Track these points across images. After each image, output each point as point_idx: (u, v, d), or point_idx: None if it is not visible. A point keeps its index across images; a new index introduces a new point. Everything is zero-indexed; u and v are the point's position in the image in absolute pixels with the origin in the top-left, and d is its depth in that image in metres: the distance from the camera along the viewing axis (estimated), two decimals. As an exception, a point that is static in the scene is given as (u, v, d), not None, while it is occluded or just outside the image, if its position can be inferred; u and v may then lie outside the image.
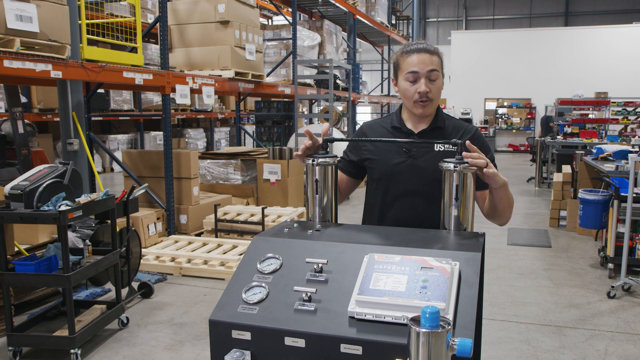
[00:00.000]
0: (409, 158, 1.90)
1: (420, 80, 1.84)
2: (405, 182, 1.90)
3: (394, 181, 1.90)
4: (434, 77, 1.84)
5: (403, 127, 1.95)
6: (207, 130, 14.87)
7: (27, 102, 9.91)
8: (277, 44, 9.53)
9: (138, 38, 5.43)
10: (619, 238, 4.80)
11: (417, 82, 1.85)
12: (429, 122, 1.95)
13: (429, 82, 1.84)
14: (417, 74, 1.83)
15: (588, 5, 24.84)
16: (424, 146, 1.90)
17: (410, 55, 1.86)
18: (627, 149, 6.49)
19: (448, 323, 0.99)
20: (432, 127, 1.93)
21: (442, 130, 1.93)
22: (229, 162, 7.43)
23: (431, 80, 1.84)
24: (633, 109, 13.55)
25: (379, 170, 1.96)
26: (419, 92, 1.84)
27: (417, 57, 1.84)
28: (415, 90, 1.85)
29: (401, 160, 1.91)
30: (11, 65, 3.89)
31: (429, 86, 1.84)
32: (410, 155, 1.91)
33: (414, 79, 1.85)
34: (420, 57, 1.84)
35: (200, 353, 3.43)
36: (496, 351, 3.47)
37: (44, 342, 3.30)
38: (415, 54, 1.85)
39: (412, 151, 1.91)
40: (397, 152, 1.91)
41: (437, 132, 1.93)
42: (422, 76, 1.83)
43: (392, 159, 1.91)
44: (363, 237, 1.52)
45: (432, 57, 1.85)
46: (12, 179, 3.32)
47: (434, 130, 1.93)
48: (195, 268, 4.92)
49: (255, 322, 1.26)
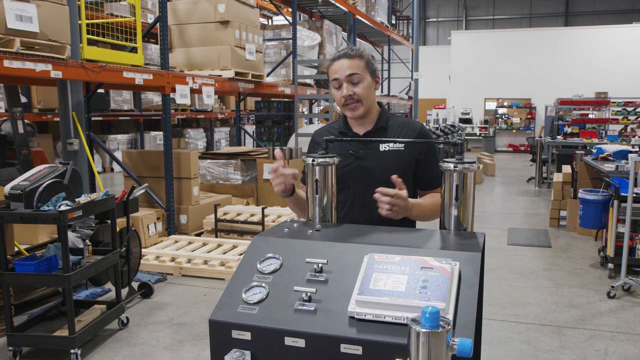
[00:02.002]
0: (356, 160, 1.96)
1: (343, 85, 1.92)
2: (354, 183, 1.95)
3: (346, 184, 1.95)
4: (355, 80, 1.92)
5: (349, 131, 2.03)
6: (207, 130, 14.87)
7: (27, 102, 9.91)
8: (277, 44, 9.53)
9: (138, 38, 5.43)
10: (619, 238, 4.80)
11: (341, 88, 1.93)
12: (372, 123, 2.01)
13: (351, 86, 1.92)
14: (338, 80, 1.93)
15: (588, 5, 24.84)
16: (369, 147, 1.97)
17: (333, 64, 1.96)
18: (627, 149, 6.49)
19: (448, 323, 0.99)
20: (376, 127, 2.00)
21: (386, 130, 2.00)
22: (229, 162, 7.43)
23: (353, 83, 1.92)
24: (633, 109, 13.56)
25: None
26: (343, 97, 1.92)
27: (337, 64, 1.93)
28: (340, 95, 1.94)
29: (348, 163, 1.96)
30: (11, 65, 3.89)
31: (352, 89, 1.91)
32: (357, 157, 1.96)
33: (338, 85, 1.94)
34: (339, 63, 1.93)
35: (200, 353, 3.43)
36: (496, 351, 3.47)
37: (44, 342, 3.30)
38: (336, 61, 1.95)
39: (358, 153, 1.97)
40: (344, 155, 1.95)
41: (382, 132, 2.00)
42: (343, 81, 1.92)
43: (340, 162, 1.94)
44: (363, 237, 1.52)
45: (351, 61, 1.92)
46: (12, 179, 3.32)
47: (379, 131, 2.00)
48: (195, 268, 4.92)
49: (255, 322, 1.26)
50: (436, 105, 20.81)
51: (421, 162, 1.96)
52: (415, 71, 16.91)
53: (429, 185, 2.00)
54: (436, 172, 1.93)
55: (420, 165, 1.96)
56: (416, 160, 1.96)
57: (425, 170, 1.98)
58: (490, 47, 20.15)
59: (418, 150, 1.95)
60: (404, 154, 1.94)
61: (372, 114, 2.01)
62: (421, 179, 1.99)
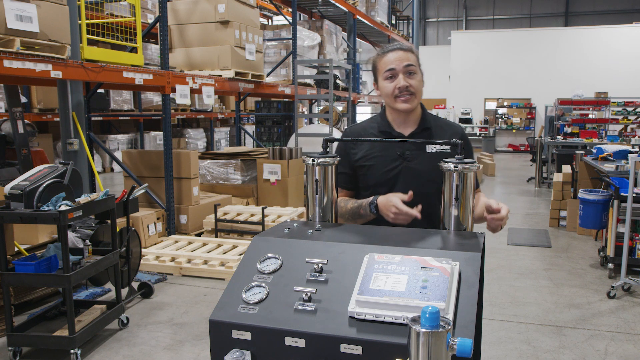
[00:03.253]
0: (404, 161, 1.91)
1: (399, 76, 1.88)
2: (401, 186, 1.89)
3: (391, 186, 1.90)
4: (412, 70, 1.88)
5: (392, 131, 1.96)
6: (207, 130, 14.87)
7: (27, 102, 9.91)
8: (277, 44, 9.53)
9: (138, 38, 5.43)
10: (619, 238, 4.80)
11: (395, 78, 1.89)
12: (416, 123, 1.96)
13: (407, 77, 1.88)
14: (394, 70, 1.88)
15: (588, 5, 24.84)
16: (415, 149, 1.91)
17: (386, 55, 1.91)
18: (627, 149, 6.49)
19: (448, 323, 0.99)
20: (421, 128, 1.95)
21: (430, 131, 1.95)
22: (229, 162, 7.43)
23: (409, 74, 1.88)
24: (633, 109, 13.55)
25: (374, 176, 1.95)
26: (399, 87, 1.88)
27: (392, 55, 1.90)
28: (394, 86, 1.89)
29: (396, 165, 1.91)
30: (11, 65, 3.89)
31: (408, 80, 1.88)
32: (404, 158, 1.91)
33: (391, 75, 1.89)
34: (395, 54, 1.89)
35: (200, 353, 3.43)
36: (496, 351, 3.47)
37: (44, 342, 3.30)
38: (390, 53, 1.91)
39: (405, 154, 1.91)
40: (390, 156, 1.91)
41: (426, 133, 1.95)
42: (400, 72, 1.88)
43: (387, 164, 1.91)
44: (363, 237, 1.52)
45: (407, 54, 1.90)
46: (12, 179, 3.32)
47: (424, 132, 1.95)
48: (195, 268, 4.92)
49: (255, 322, 1.26)
50: (436, 105, 20.83)
51: None
52: (415, 71, 16.88)
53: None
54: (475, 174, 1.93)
55: None
56: None
57: None
58: (490, 47, 20.15)
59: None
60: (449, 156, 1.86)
61: (416, 113, 1.97)
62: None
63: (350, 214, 1.94)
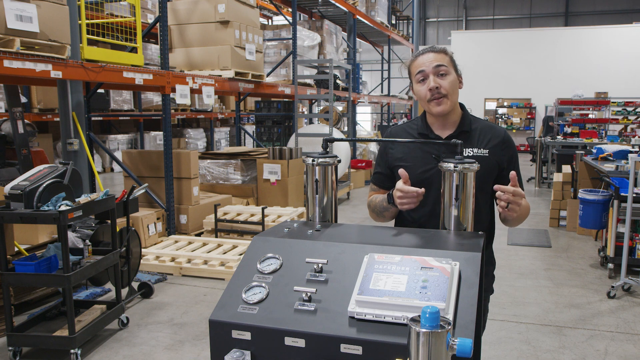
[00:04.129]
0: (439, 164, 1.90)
1: (429, 77, 1.84)
2: (436, 188, 1.85)
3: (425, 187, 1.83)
4: (442, 71, 1.84)
5: (430, 133, 1.94)
6: (207, 130, 14.87)
7: (27, 102, 9.91)
8: (277, 44, 9.53)
9: (138, 38, 5.43)
10: (619, 238, 4.80)
11: (426, 81, 1.86)
12: (455, 126, 1.93)
13: (437, 78, 1.84)
14: (424, 72, 1.85)
15: (588, 5, 24.84)
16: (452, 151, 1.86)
17: (417, 59, 1.89)
18: (627, 149, 6.49)
19: (448, 323, 0.99)
20: (459, 131, 1.92)
21: (469, 134, 1.91)
22: (229, 162, 7.43)
23: (440, 75, 1.84)
24: (633, 109, 13.55)
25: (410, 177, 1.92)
26: (430, 89, 1.84)
27: (423, 57, 1.87)
28: (426, 89, 1.85)
29: (430, 167, 1.88)
30: (11, 65, 3.89)
31: (438, 81, 1.83)
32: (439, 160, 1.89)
33: (423, 77, 1.86)
34: (425, 57, 1.87)
35: (200, 353, 3.43)
36: (496, 351, 3.47)
37: (44, 342, 3.30)
38: (421, 56, 1.88)
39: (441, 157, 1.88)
40: (425, 158, 1.89)
41: (464, 136, 1.91)
42: (430, 73, 1.84)
43: (421, 165, 1.89)
44: (363, 237, 1.52)
45: (437, 54, 1.86)
46: (12, 179, 3.32)
47: (461, 135, 1.91)
48: (195, 268, 4.92)
49: (255, 322, 1.26)
50: (436, 105, 20.80)
51: (505, 169, 1.88)
52: (415, 71, 16.88)
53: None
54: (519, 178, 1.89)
55: (504, 172, 1.89)
56: (499, 167, 1.90)
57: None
58: (490, 47, 20.15)
59: (502, 156, 1.89)
60: (488, 160, 1.86)
61: (455, 115, 1.93)
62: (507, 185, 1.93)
63: (378, 209, 1.96)
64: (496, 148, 1.90)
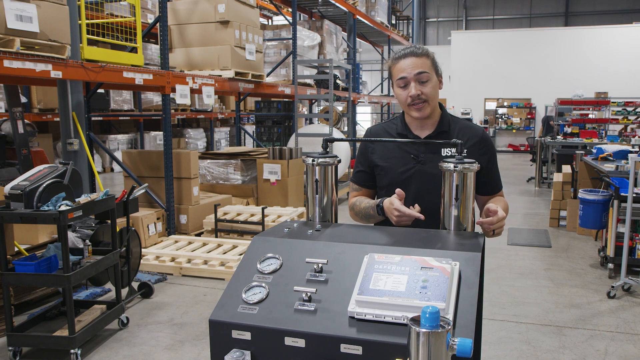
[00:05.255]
0: (417, 164, 1.90)
1: (410, 84, 1.85)
2: (414, 188, 1.89)
3: (404, 187, 1.86)
4: (424, 78, 1.85)
5: (409, 133, 1.96)
6: (207, 130, 14.87)
7: (27, 102, 9.91)
8: (277, 44, 9.53)
9: (138, 38, 5.43)
10: (619, 238, 4.80)
11: (407, 87, 1.86)
12: (433, 126, 1.95)
13: (419, 85, 1.85)
14: (405, 78, 1.86)
15: (588, 5, 24.84)
16: (430, 151, 1.90)
17: (399, 62, 1.88)
18: (627, 149, 6.49)
19: (448, 323, 0.99)
20: (438, 132, 1.93)
21: (447, 134, 1.93)
22: (229, 162, 7.43)
23: (421, 82, 1.85)
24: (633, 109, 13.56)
25: (388, 177, 1.95)
26: (411, 96, 1.85)
27: (404, 62, 1.86)
28: (407, 94, 1.86)
29: (409, 167, 1.90)
30: (11, 65, 3.89)
31: (420, 88, 1.85)
32: (418, 161, 1.90)
33: (404, 84, 1.87)
34: (407, 61, 1.86)
35: (200, 353, 3.43)
36: (496, 351, 3.47)
37: (44, 342, 3.30)
38: (402, 59, 1.87)
39: (419, 157, 1.90)
40: (404, 158, 1.91)
41: (443, 136, 1.93)
42: (411, 80, 1.85)
43: (400, 165, 1.91)
44: (363, 237, 1.52)
45: (419, 59, 1.86)
46: (12, 179, 3.32)
47: (440, 135, 1.93)
48: (195, 268, 4.92)
49: (255, 322, 1.26)
50: (436, 105, 20.80)
51: (484, 168, 1.89)
52: (415, 71, 16.88)
53: (492, 191, 1.98)
54: (498, 177, 1.96)
55: (482, 171, 1.88)
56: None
57: (488, 176, 1.95)
58: (490, 47, 20.14)
59: (480, 156, 1.88)
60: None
61: (434, 116, 1.95)
62: (485, 185, 1.95)
63: (363, 214, 1.96)
64: (474, 148, 1.91)
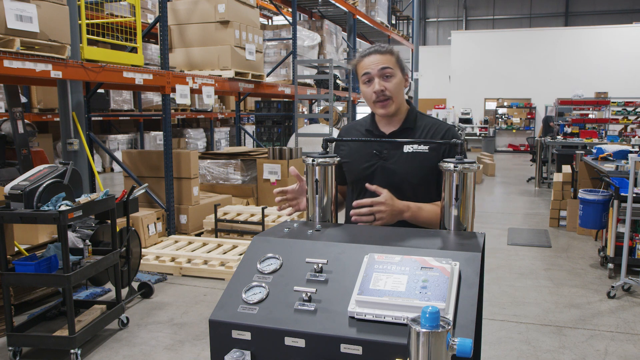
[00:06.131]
0: (380, 160, 1.92)
1: (374, 80, 1.86)
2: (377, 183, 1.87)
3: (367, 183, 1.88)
4: (387, 73, 1.86)
5: (375, 129, 1.98)
6: (207, 130, 14.87)
7: (27, 102, 9.90)
8: (277, 44, 9.53)
9: (138, 38, 5.42)
10: (619, 238, 4.80)
11: (372, 83, 1.88)
12: (399, 123, 1.96)
13: (383, 81, 1.86)
14: (369, 74, 1.87)
15: (588, 5, 24.83)
16: (393, 148, 1.91)
17: (363, 60, 1.90)
18: (627, 149, 6.49)
19: (448, 323, 0.99)
20: (402, 128, 1.95)
21: (412, 131, 1.94)
22: (229, 162, 7.43)
23: (385, 78, 1.86)
24: (633, 109, 13.56)
25: (352, 173, 1.98)
26: (375, 92, 1.86)
27: (368, 59, 1.88)
28: (371, 91, 1.88)
29: (372, 163, 1.92)
30: (11, 65, 3.89)
31: (384, 84, 1.86)
32: (380, 157, 1.92)
33: (368, 79, 1.88)
34: (370, 58, 1.88)
35: (200, 353, 3.43)
36: (496, 351, 3.47)
37: (44, 342, 3.30)
38: (366, 57, 1.89)
39: (382, 153, 1.92)
40: (368, 154, 1.92)
41: (408, 132, 1.94)
42: (375, 75, 1.86)
43: (364, 162, 1.92)
44: (363, 237, 1.52)
45: (383, 56, 1.88)
46: (12, 179, 3.32)
47: (404, 131, 1.94)
48: (195, 268, 4.92)
49: (255, 322, 1.26)
50: (436, 105, 20.84)
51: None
52: (415, 71, 16.91)
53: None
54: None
55: None
56: None
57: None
58: (490, 47, 20.15)
59: (442, 152, 1.87)
60: (427, 156, 1.87)
61: (401, 113, 1.95)
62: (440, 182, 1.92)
63: None
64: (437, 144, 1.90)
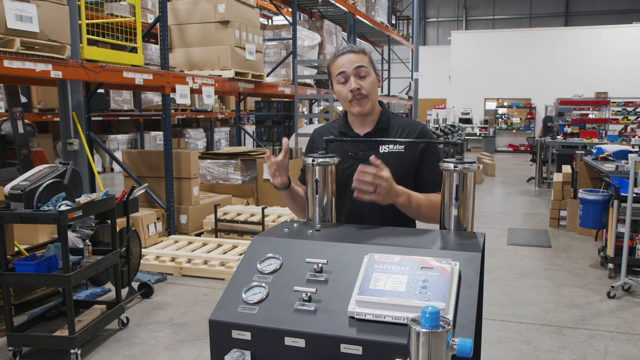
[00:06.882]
0: (356, 162, 1.91)
1: (350, 78, 1.87)
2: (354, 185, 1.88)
3: (345, 185, 1.87)
4: (363, 73, 1.87)
5: (349, 131, 1.98)
6: (207, 130, 14.87)
7: (27, 102, 9.90)
8: (277, 44, 9.53)
9: (138, 38, 5.43)
10: (619, 238, 4.80)
11: (347, 82, 1.88)
12: (373, 123, 1.97)
13: (358, 79, 1.87)
14: (345, 73, 1.87)
15: (588, 5, 24.84)
16: (370, 148, 1.92)
17: (337, 59, 1.91)
18: (627, 149, 6.49)
19: (448, 323, 0.99)
20: (377, 128, 1.96)
21: (387, 131, 1.95)
22: (229, 162, 7.43)
23: (360, 77, 1.87)
24: (633, 109, 13.57)
25: None
26: (351, 90, 1.87)
27: (342, 58, 1.89)
28: (347, 89, 1.88)
29: (348, 165, 1.92)
30: (11, 65, 3.89)
31: (359, 83, 1.87)
32: (356, 158, 1.92)
33: (344, 79, 1.89)
34: (345, 57, 1.89)
35: (200, 353, 3.43)
36: (496, 351, 3.47)
37: (44, 342, 3.30)
38: (340, 56, 1.90)
39: (358, 155, 1.92)
40: (344, 156, 1.91)
41: (383, 132, 1.95)
42: (351, 74, 1.87)
43: (340, 164, 1.91)
44: (363, 237, 1.52)
45: (357, 55, 1.89)
46: (12, 179, 3.32)
47: (379, 132, 1.95)
48: (195, 268, 4.92)
49: (255, 322, 1.26)
50: (436, 106, 20.83)
51: (425, 164, 1.91)
52: (415, 71, 16.90)
53: (426, 188, 1.91)
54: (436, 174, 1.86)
55: (418, 166, 1.91)
56: (417, 162, 1.91)
57: (423, 172, 1.91)
58: (490, 47, 20.15)
59: (418, 151, 1.90)
60: (404, 156, 1.89)
61: (374, 114, 1.96)
62: (419, 180, 1.92)
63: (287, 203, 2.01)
64: (412, 143, 1.91)
